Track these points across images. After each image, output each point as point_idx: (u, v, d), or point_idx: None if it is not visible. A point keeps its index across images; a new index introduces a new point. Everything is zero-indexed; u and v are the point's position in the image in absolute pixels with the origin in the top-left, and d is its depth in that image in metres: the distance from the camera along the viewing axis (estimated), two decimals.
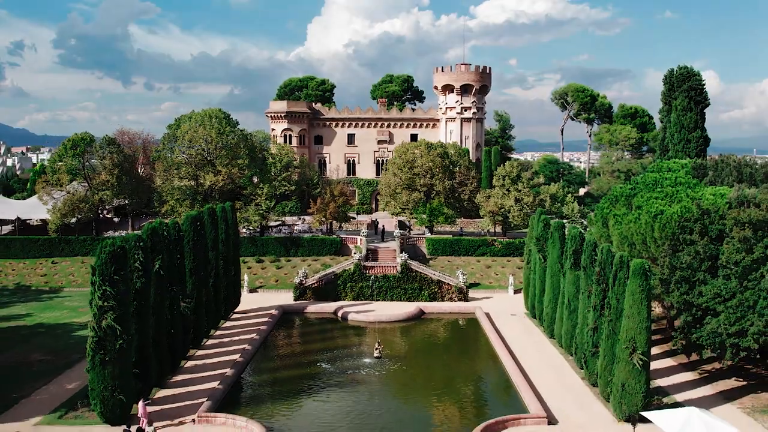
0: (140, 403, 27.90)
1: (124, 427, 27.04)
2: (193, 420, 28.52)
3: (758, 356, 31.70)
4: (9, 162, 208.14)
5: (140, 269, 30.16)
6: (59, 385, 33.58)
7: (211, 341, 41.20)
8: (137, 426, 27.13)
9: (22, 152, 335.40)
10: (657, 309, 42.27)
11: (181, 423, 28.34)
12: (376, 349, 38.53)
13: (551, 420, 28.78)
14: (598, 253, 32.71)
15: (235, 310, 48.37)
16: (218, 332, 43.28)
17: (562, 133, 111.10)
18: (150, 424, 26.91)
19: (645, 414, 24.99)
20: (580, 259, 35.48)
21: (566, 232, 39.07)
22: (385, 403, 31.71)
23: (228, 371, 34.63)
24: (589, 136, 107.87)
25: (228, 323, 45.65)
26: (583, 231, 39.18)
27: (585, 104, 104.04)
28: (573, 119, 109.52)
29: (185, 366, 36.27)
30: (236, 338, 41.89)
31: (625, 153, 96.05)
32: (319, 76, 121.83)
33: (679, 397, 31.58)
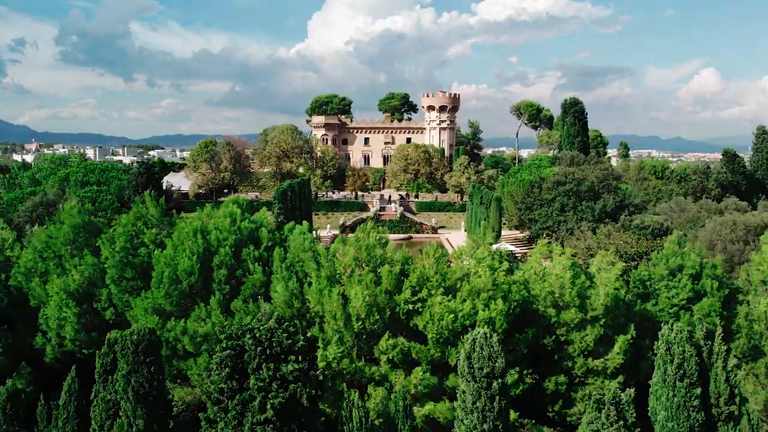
0: None
1: None
2: None
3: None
4: (30, 158, 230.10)
5: (289, 198, 71.13)
6: None
7: None
8: None
9: (36, 149, 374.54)
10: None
11: None
12: None
13: None
14: (487, 195, 73.64)
15: None
16: None
17: (516, 136, 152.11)
18: None
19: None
20: (482, 200, 76.36)
21: (480, 189, 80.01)
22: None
23: None
24: (536, 138, 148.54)
25: None
26: (491, 191, 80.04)
27: (532, 115, 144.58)
28: (526, 125, 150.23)
29: None
30: None
31: (556, 150, 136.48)
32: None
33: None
